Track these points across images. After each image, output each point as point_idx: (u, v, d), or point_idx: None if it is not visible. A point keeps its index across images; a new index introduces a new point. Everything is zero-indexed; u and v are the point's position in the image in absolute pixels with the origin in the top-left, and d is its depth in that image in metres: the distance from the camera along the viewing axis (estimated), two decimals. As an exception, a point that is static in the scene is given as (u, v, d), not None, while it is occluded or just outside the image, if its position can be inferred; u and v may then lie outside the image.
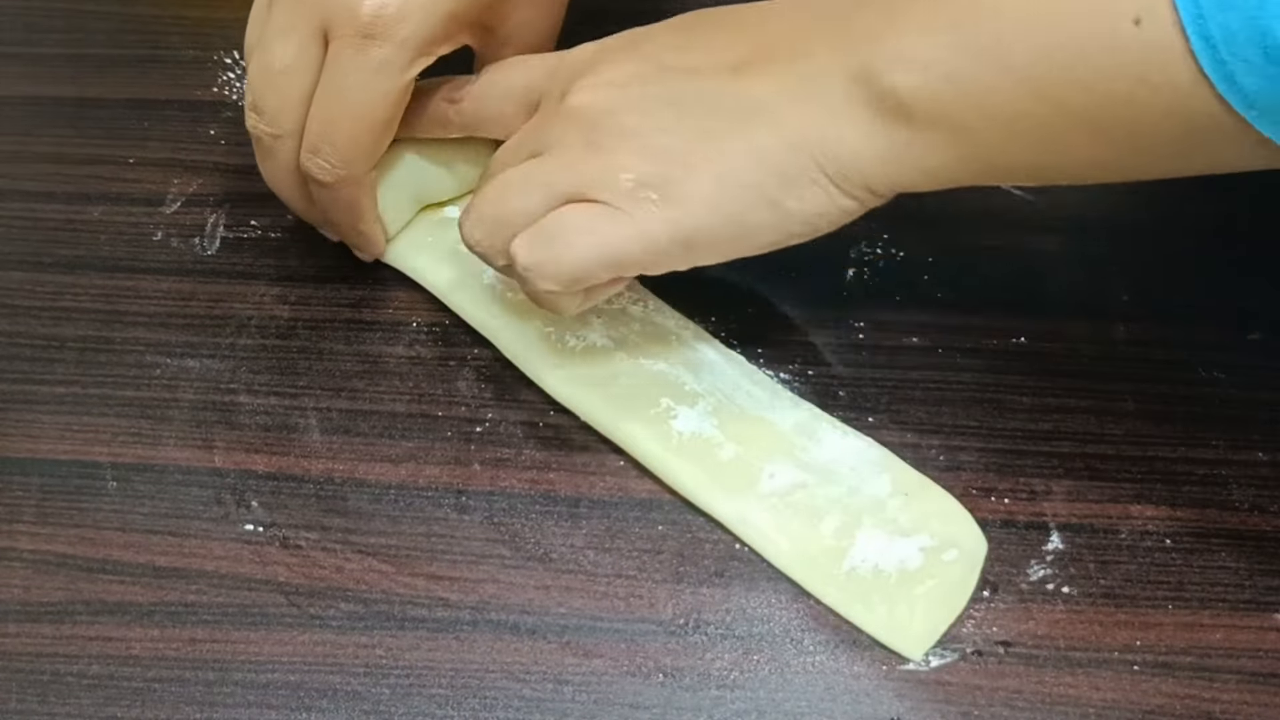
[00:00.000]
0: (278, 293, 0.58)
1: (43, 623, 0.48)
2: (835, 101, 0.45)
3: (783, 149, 0.46)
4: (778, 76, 0.46)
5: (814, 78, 0.46)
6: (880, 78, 0.44)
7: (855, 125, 0.45)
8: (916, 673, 0.47)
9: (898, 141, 0.45)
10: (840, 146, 0.45)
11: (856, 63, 0.45)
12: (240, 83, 0.66)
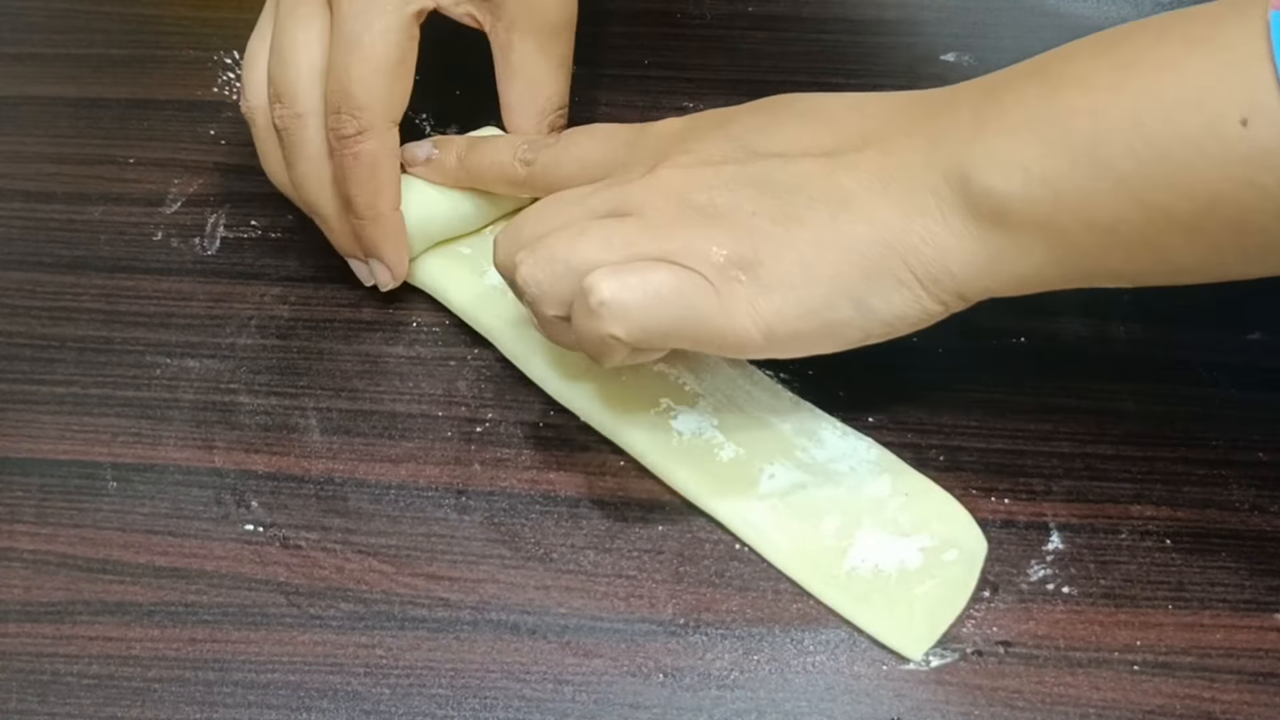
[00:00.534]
0: (278, 293, 0.58)
1: (43, 623, 0.48)
2: (926, 199, 0.44)
3: (871, 245, 0.45)
4: (867, 168, 0.46)
5: (905, 173, 0.45)
6: (974, 179, 0.43)
7: (947, 226, 0.44)
8: (916, 673, 0.47)
9: (991, 245, 0.44)
10: (930, 247, 0.45)
11: (949, 161, 0.44)
12: (240, 81, 0.66)
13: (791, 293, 0.45)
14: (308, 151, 0.53)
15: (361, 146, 0.52)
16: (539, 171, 0.54)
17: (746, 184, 0.47)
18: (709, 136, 0.49)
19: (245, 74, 0.55)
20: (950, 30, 0.68)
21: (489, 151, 0.55)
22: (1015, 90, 0.44)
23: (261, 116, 0.55)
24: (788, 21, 0.69)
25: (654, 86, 0.65)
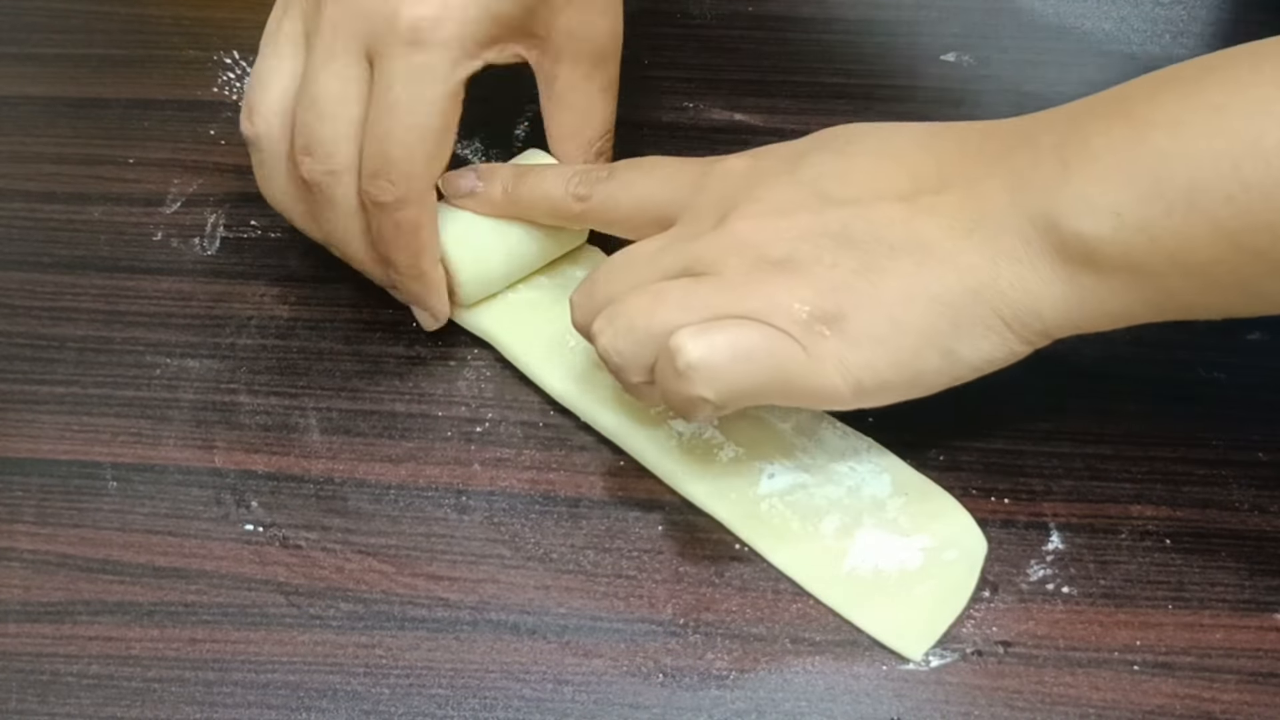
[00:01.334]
0: (278, 293, 0.58)
1: (43, 623, 0.48)
2: (1012, 244, 0.44)
3: (959, 293, 0.44)
4: (949, 213, 0.45)
5: (989, 219, 0.45)
6: (1063, 224, 0.43)
7: (1035, 270, 0.44)
8: (916, 673, 0.47)
9: (1082, 287, 0.44)
10: (1018, 292, 0.44)
11: (1035, 205, 0.44)
12: (240, 83, 0.66)
13: (880, 346, 0.45)
14: (341, 206, 0.52)
15: (402, 214, 0.51)
16: (595, 208, 0.52)
17: (823, 234, 0.46)
18: (779, 182, 0.48)
19: (255, 97, 0.53)
20: (950, 30, 0.68)
21: (538, 184, 0.54)
22: (1101, 132, 0.44)
23: (270, 145, 0.53)
24: (788, 21, 0.69)
25: (654, 86, 0.65)
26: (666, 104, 0.64)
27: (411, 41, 0.49)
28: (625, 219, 0.52)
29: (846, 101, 0.64)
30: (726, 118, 0.64)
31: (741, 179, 0.49)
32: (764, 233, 0.46)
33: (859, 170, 0.47)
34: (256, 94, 0.53)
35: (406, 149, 0.50)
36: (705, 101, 0.64)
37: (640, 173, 0.52)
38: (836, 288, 0.45)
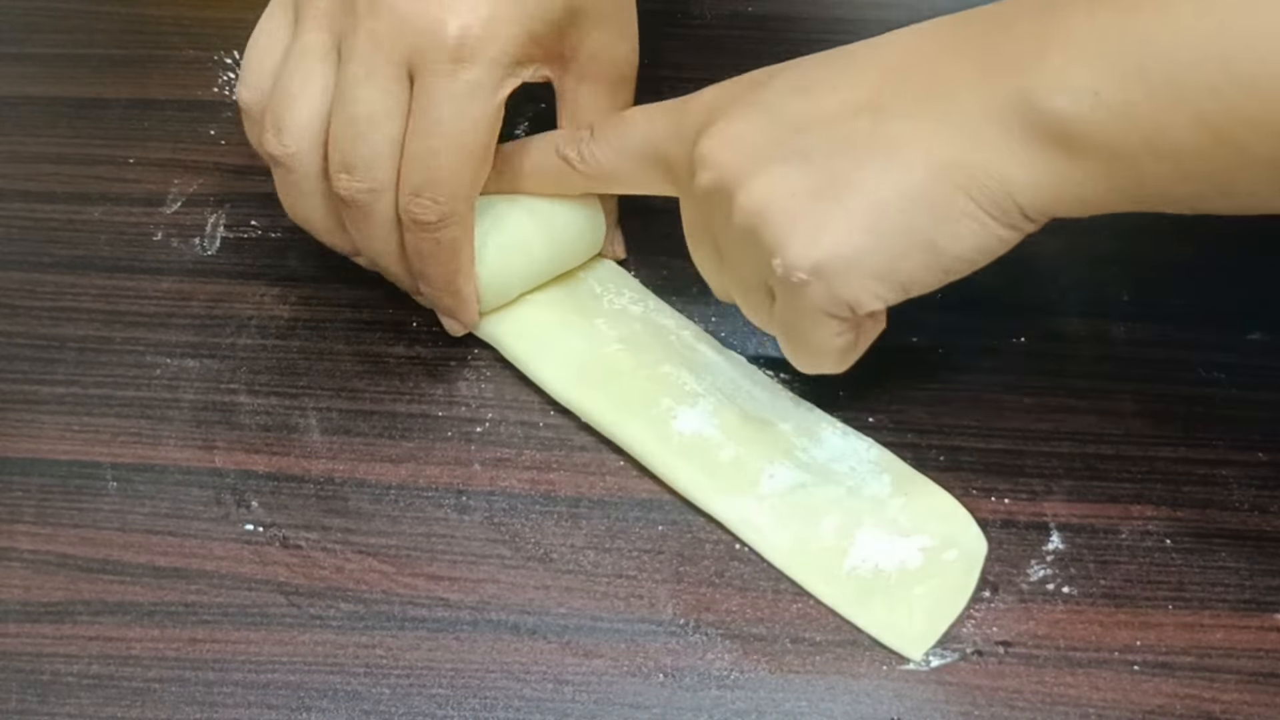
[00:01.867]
0: (278, 293, 0.58)
1: (43, 623, 0.48)
2: (982, 130, 0.43)
3: (930, 185, 0.43)
4: (915, 111, 0.44)
5: (956, 106, 0.44)
6: (1039, 102, 0.42)
7: (1008, 152, 0.43)
8: (916, 673, 0.47)
9: (1056, 172, 0.43)
10: (991, 178, 0.43)
11: (1009, 89, 0.43)
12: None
13: (861, 267, 0.44)
14: (379, 222, 0.51)
15: (443, 233, 0.50)
16: (587, 169, 0.53)
17: (782, 162, 0.45)
18: (737, 113, 0.47)
19: (283, 115, 0.51)
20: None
21: (526, 153, 0.54)
22: (1083, 12, 0.42)
23: (302, 164, 0.51)
24: (788, 21, 0.69)
25: (654, 86, 0.65)
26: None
27: (457, 59, 0.48)
28: (616, 175, 0.53)
29: (846, 101, 0.64)
30: (726, 118, 0.64)
31: (707, 112, 0.48)
32: (727, 175, 0.46)
33: (821, 84, 0.46)
34: (286, 112, 0.51)
35: (451, 168, 0.49)
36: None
37: (623, 126, 0.52)
38: (799, 222, 0.44)
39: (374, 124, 0.49)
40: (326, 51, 0.50)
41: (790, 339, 0.48)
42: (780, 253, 0.44)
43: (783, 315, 0.47)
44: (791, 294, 0.45)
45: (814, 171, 0.44)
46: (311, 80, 0.50)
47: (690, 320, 0.56)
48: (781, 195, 0.45)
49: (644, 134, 0.51)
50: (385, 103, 0.49)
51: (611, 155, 0.52)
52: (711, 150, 0.47)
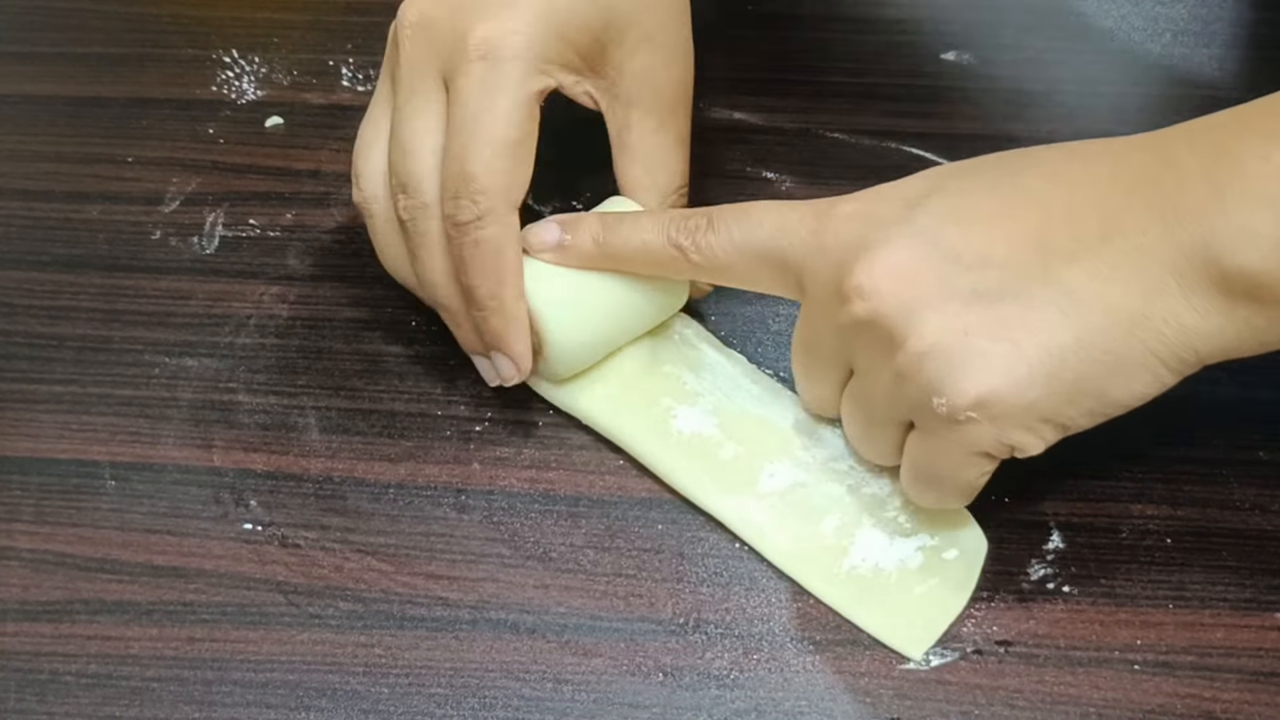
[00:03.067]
0: (276, 291, 0.58)
1: (41, 622, 0.48)
2: (1162, 279, 0.42)
3: (1111, 337, 0.43)
4: (1089, 255, 0.43)
5: (1133, 253, 0.42)
6: (1225, 258, 0.41)
7: (1190, 304, 0.42)
8: (916, 672, 0.47)
9: (1238, 317, 0.42)
10: (1172, 328, 0.42)
11: (1188, 238, 0.42)
12: (239, 81, 0.66)
13: (1031, 411, 0.43)
14: (432, 242, 0.50)
15: (482, 233, 0.49)
16: (698, 260, 0.49)
17: (952, 298, 0.43)
18: (896, 237, 0.45)
19: (358, 163, 0.53)
20: (950, 30, 0.68)
21: (633, 233, 0.51)
22: (1256, 154, 0.42)
23: (379, 207, 0.52)
24: (788, 21, 0.69)
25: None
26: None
27: (481, 56, 0.49)
28: (731, 270, 0.50)
29: (846, 101, 0.64)
30: (726, 117, 0.64)
31: (856, 231, 0.46)
32: (890, 307, 0.44)
33: (982, 215, 0.45)
34: (360, 162, 0.53)
35: (483, 163, 0.49)
36: (705, 101, 0.64)
37: (746, 221, 0.49)
38: (972, 362, 0.43)
39: (418, 139, 0.50)
40: (387, 98, 0.52)
41: (924, 474, 0.47)
42: (946, 391, 0.43)
43: (926, 453, 0.46)
44: (948, 433, 0.44)
45: (987, 312, 0.43)
46: (379, 126, 0.52)
47: (690, 319, 0.55)
48: (954, 334, 0.43)
49: (771, 235, 0.48)
50: (425, 119, 0.50)
51: (730, 250, 0.49)
52: (872, 281, 0.44)
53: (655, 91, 0.54)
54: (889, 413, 0.46)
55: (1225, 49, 0.66)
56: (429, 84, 0.50)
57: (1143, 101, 0.64)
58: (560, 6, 0.51)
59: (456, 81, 0.50)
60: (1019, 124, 0.63)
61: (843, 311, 0.45)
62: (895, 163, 0.61)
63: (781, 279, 0.48)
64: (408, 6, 0.52)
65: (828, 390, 0.49)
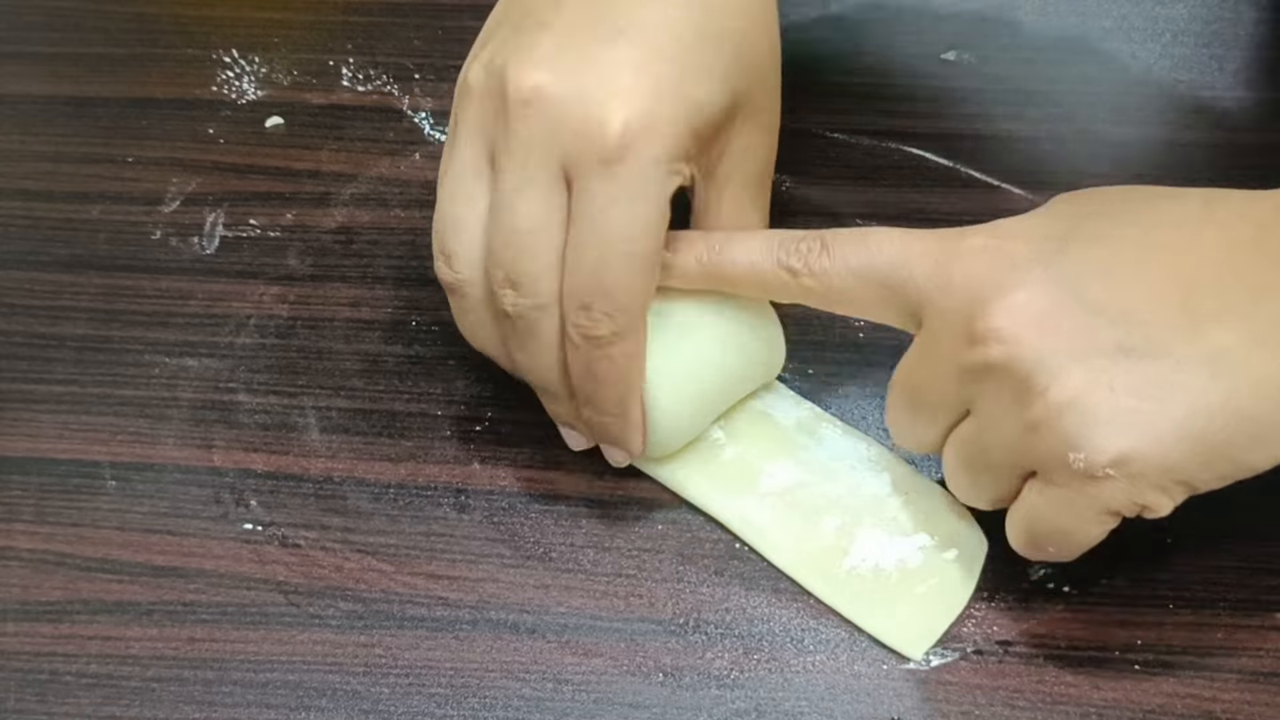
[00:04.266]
0: (276, 291, 0.58)
1: (41, 622, 0.48)
2: None
3: (1255, 401, 0.41)
4: (1234, 318, 0.42)
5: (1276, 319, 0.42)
6: None
7: None
8: (916, 672, 0.47)
9: None
10: None
11: None
12: (239, 81, 0.66)
13: (1169, 474, 0.42)
14: (545, 339, 0.47)
15: (617, 349, 0.46)
16: (811, 285, 0.47)
17: (1097, 354, 0.42)
18: (1034, 281, 0.43)
19: (448, 241, 0.48)
20: (950, 30, 0.68)
21: (742, 253, 0.48)
22: None
23: (475, 290, 0.48)
24: (788, 21, 0.68)
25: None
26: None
27: (620, 158, 0.45)
28: (843, 297, 0.47)
29: (846, 101, 0.64)
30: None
31: (988, 270, 0.44)
32: (1027, 356, 0.42)
33: (1125, 267, 0.43)
34: (451, 240, 0.48)
35: (623, 277, 0.45)
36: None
37: (863, 249, 0.47)
38: (1116, 419, 0.42)
39: (535, 236, 0.46)
40: (481, 166, 0.47)
41: (1042, 527, 0.45)
42: (1085, 447, 0.42)
43: (1050, 507, 0.44)
44: (1080, 488, 0.43)
45: (1134, 369, 0.42)
46: (474, 202, 0.47)
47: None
48: (1099, 390, 0.42)
49: (892, 264, 0.46)
50: (546, 214, 0.46)
51: (846, 275, 0.47)
52: (1011, 325, 0.43)
53: (751, 169, 0.51)
54: (1010, 462, 0.44)
55: (1226, 49, 0.66)
56: (549, 174, 0.45)
57: (1143, 101, 0.64)
58: (692, 91, 0.46)
59: (588, 182, 0.45)
60: (1019, 124, 0.63)
61: (971, 353, 0.44)
62: (895, 162, 0.61)
63: (897, 310, 0.46)
64: (518, 75, 0.46)
65: (933, 432, 0.47)
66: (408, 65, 0.66)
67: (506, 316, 0.47)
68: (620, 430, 0.48)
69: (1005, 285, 0.43)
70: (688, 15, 0.47)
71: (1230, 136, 0.63)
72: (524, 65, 0.46)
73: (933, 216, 0.58)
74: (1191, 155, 0.62)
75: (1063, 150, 0.62)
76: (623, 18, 0.46)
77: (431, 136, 0.63)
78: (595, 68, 0.45)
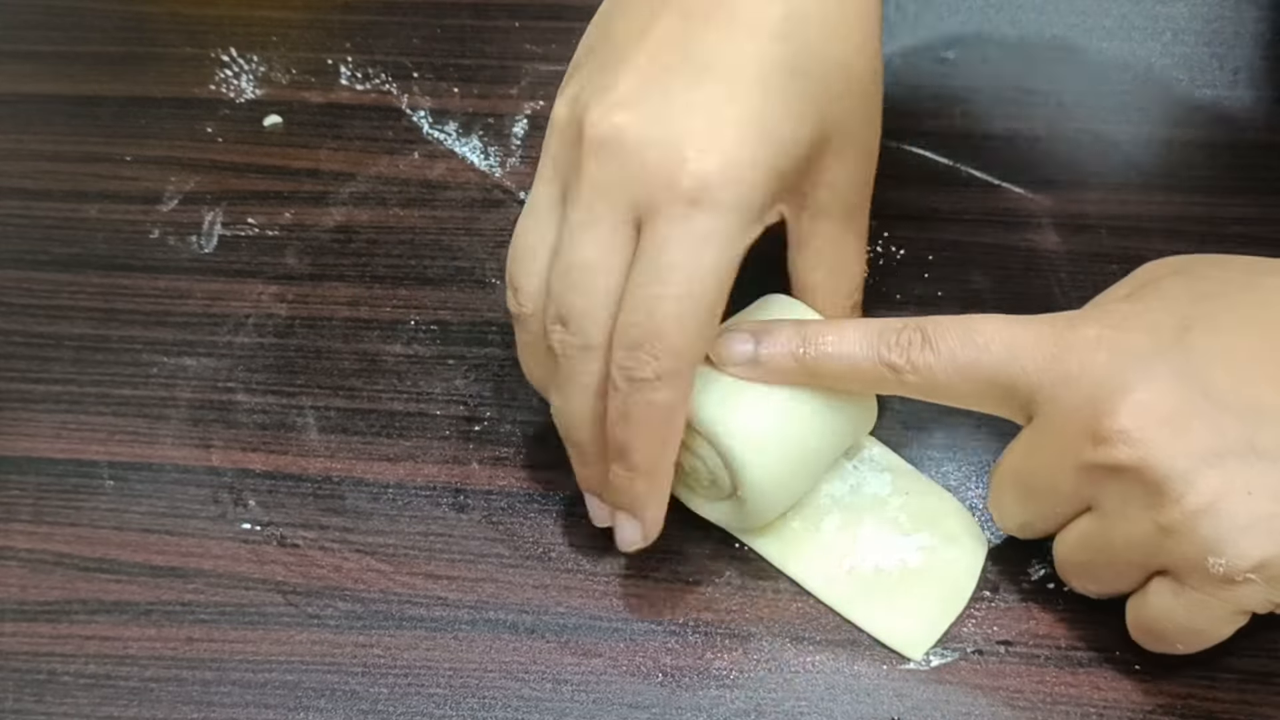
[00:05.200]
0: (275, 291, 0.57)
1: (39, 622, 0.48)
2: None
3: None
4: None
5: None
6: None
7: None
8: (917, 672, 0.47)
9: None
10: None
11: None
12: (237, 79, 0.65)
13: None
14: (585, 383, 0.45)
15: (658, 395, 0.44)
16: (915, 381, 0.45)
17: (1228, 454, 0.41)
18: (1156, 374, 0.42)
19: (518, 274, 0.46)
20: (950, 29, 0.68)
21: (838, 346, 0.46)
22: None
23: (535, 324, 0.47)
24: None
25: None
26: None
27: (694, 201, 0.43)
28: (949, 391, 0.45)
29: (846, 99, 0.64)
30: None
31: (1108, 364, 0.43)
32: (1160, 460, 0.41)
33: (1248, 355, 0.43)
34: (520, 272, 0.46)
35: (677, 320, 0.43)
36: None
37: (970, 343, 0.45)
38: (1256, 524, 0.41)
39: (592, 274, 0.44)
40: (555, 203, 0.46)
41: (1173, 625, 0.44)
42: (1226, 553, 0.41)
43: (1183, 607, 0.43)
44: (1216, 591, 0.42)
45: (1269, 471, 0.41)
46: (542, 236, 0.46)
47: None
48: (1237, 494, 0.41)
49: (1001, 359, 0.44)
50: (606, 255, 0.44)
51: (951, 371, 0.45)
52: (1140, 427, 0.42)
53: (844, 196, 0.49)
54: (1138, 561, 0.44)
55: (1226, 48, 0.66)
56: (616, 216, 0.44)
57: (1143, 101, 0.64)
58: (778, 131, 0.44)
59: (657, 224, 0.43)
60: (1019, 124, 0.63)
61: (1095, 452, 0.42)
62: (896, 161, 0.61)
63: (1005, 404, 0.45)
64: (598, 115, 0.44)
65: (1047, 524, 0.46)
66: (406, 64, 0.66)
67: (554, 355, 0.45)
68: (645, 491, 0.46)
69: (1129, 382, 0.42)
70: (779, 48, 0.45)
71: (1231, 136, 0.62)
72: (604, 105, 0.44)
73: (933, 215, 0.58)
74: (1192, 155, 0.62)
75: (1063, 149, 0.62)
76: (709, 53, 0.44)
77: (430, 135, 0.63)
78: (676, 110, 0.44)
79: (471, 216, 0.60)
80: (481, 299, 0.57)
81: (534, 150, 0.62)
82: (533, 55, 0.66)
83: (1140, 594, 0.45)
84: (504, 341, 0.55)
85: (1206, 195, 0.60)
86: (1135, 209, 0.59)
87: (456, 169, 0.62)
